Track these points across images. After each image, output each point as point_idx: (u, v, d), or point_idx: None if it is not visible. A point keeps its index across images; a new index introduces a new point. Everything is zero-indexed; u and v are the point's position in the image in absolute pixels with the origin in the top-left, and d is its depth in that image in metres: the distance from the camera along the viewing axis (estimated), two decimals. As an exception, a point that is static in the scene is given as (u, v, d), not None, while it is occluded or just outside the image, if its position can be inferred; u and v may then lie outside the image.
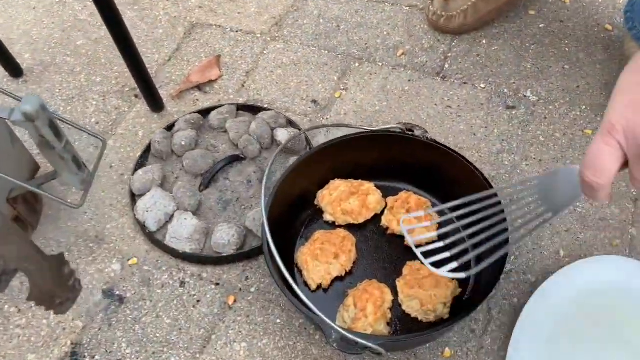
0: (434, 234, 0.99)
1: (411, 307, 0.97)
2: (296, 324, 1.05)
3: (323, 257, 1.01)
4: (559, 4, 1.54)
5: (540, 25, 1.49)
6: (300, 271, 1.04)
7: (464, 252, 0.76)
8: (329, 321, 0.80)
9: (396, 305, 0.99)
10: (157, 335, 1.05)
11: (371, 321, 0.92)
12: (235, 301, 1.08)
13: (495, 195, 0.83)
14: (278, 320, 1.05)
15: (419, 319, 0.97)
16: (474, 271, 0.77)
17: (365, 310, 0.93)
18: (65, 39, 1.58)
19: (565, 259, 1.09)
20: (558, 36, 1.47)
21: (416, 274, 0.98)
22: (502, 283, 1.07)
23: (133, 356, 1.02)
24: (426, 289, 0.95)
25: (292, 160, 1.13)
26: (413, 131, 1.07)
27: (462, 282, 1.01)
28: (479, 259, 0.79)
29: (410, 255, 1.05)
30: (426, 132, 1.07)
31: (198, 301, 1.09)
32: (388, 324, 0.96)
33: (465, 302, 0.98)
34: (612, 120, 0.56)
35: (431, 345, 1.00)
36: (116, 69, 1.48)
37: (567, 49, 1.44)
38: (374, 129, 1.09)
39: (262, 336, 1.04)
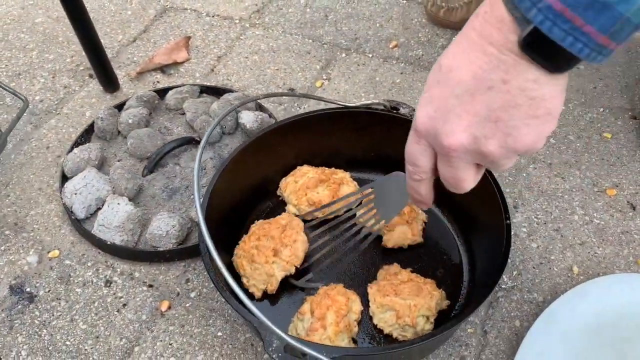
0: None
1: (384, 320, 0.76)
2: (241, 338, 0.83)
3: (260, 257, 0.79)
4: None
5: (552, 24, 1.33)
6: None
7: None
8: (268, 322, 0.59)
9: (366, 319, 0.78)
10: (67, 343, 0.84)
11: (330, 334, 0.71)
12: (169, 307, 0.87)
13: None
14: (219, 333, 0.84)
15: (394, 335, 0.76)
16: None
17: (324, 320, 0.72)
18: (23, 16, 1.42)
19: (579, 277, 0.89)
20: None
21: (392, 278, 0.78)
22: (501, 302, 0.86)
23: (32, 368, 0.81)
24: (404, 297, 0.75)
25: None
26: (398, 109, 0.88)
27: (450, 295, 0.81)
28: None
29: (388, 258, 0.85)
30: (414, 110, 0.88)
31: (124, 305, 0.88)
32: (354, 340, 0.75)
33: (454, 319, 0.77)
34: (417, 117, 0.55)
35: (409, 373, 0.79)
36: (73, 47, 1.32)
37: (582, 49, 1.26)
38: (351, 104, 0.90)
39: (197, 351, 0.82)
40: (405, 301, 0.74)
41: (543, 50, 0.45)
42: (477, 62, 0.49)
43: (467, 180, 0.57)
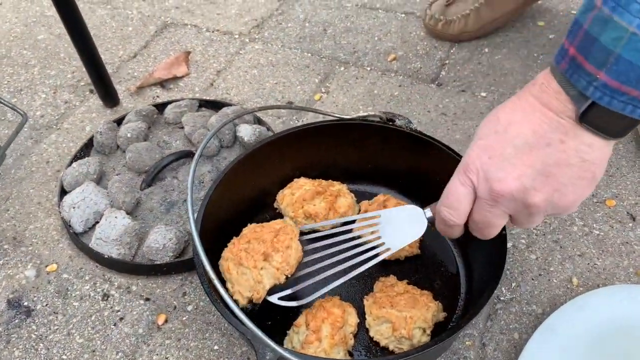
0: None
1: (380, 332, 0.75)
2: (237, 352, 0.83)
3: (249, 261, 0.73)
4: (571, 16, 1.39)
5: (550, 37, 1.33)
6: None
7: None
8: (261, 334, 0.59)
9: (362, 331, 0.78)
10: (64, 357, 0.83)
11: (326, 346, 0.71)
12: (166, 321, 0.87)
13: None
14: (216, 347, 0.84)
15: (390, 348, 0.75)
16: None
17: (320, 332, 0.72)
18: (26, 33, 1.44)
19: (579, 288, 0.88)
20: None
21: (389, 290, 0.77)
22: (500, 314, 0.86)
23: (28, 382, 0.81)
24: (400, 309, 0.74)
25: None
26: (394, 121, 0.88)
27: (447, 307, 0.80)
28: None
29: (385, 270, 0.85)
30: (410, 122, 0.88)
31: (121, 318, 0.88)
32: (350, 353, 0.75)
33: (451, 331, 0.76)
34: (468, 161, 0.59)
35: (406, 387, 0.78)
36: (74, 63, 1.33)
37: (580, 61, 1.26)
38: (347, 117, 0.90)
39: (193, 365, 0.82)
40: (401, 313, 0.74)
41: (602, 120, 0.51)
42: (538, 121, 0.55)
43: (497, 228, 0.62)
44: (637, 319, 0.80)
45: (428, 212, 0.72)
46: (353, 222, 0.84)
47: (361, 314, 0.78)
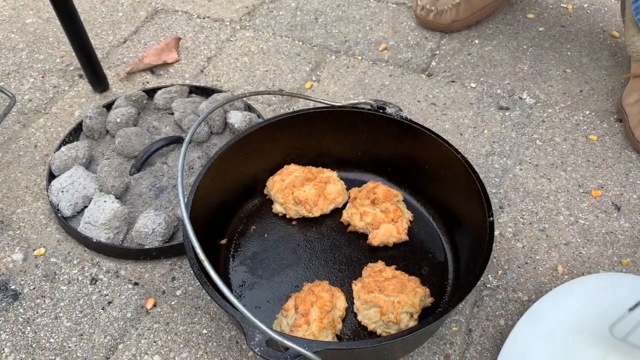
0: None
1: (368, 316, 0.76)
2: (226, 336, 0.83)
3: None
4: (561, 9, 1.40)
5: (540, 29, 1.34)
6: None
7: None
8: (250, 316, 0.59)
9: (350, 315, 0.78)
10: (52, 340, 0.83)
11: (314, 330, 0.71)
12: (154, 305, 0.87)
13: None
14: (204, 331, 0.84)
15: (378, 332, 0.76)
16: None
17: (308, 316, 0.72)
18: (14, 17, 1.42)
19: (564, 276, 0.89)
20: (559, 40, 1.31)
21: (377, 275, 0.78)
22: (486, 300, 0.87)
23: (15, 365, 0.81)
24: (388, 293, 0.75)
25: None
26: (385, 109, 0.89)
27: (435, 293, 0.81)
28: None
29: (374, 256, 0.86)
30: (400, 110, 0.88)
31: (109, 302, 0.87)
32: (338, 337, 0.75)
33: (437, 315, 0.77)
34: None
35: (393, 371, 0.79)
36: (63, 48, 1.32)
37: (569, 53, 1.28)
38: (338, 104, 0.90)
39: (182, 349, 0.82)
40: (389, 298, 0.74)
41: None
42: None
43: None
44: (621, 306, 0.81)
45: None
46: None
47: (350, 299, 0.79)
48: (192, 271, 0.81)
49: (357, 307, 0.77)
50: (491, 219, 0.75)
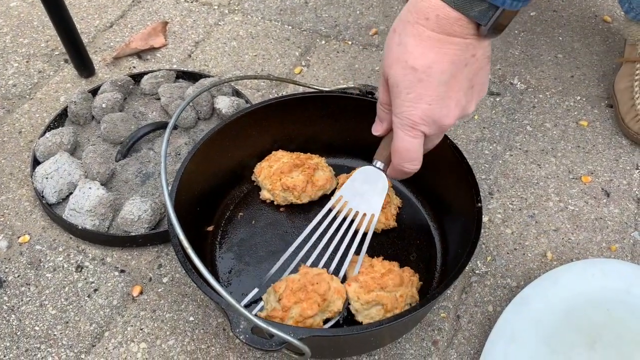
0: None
1: (370, 316, 0.73)
2: (213, 323, 0.83)
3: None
4: (553, -6, 1.39)
5: (532, 13, 1.33)
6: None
7: None
8: (235, 303, 0.59)
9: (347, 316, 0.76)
10: (37, 328, 0.82)
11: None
12: (141, 292, 0.86)
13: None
14: (191, 318, 0.83)
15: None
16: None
17: (287, 312, 0.69)
18: (-2, 0, 1.40)
19: (553, 263, 0.89)
20: (551, 25, 1.30)
21: (371, 271, 0.75)
22: (475, 287, 0.87)
23: (0, 353, 0.80)
24: (390, 289, 0.73)
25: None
26: (373, 94, 0.88)
27: (423, 279, 0.80)
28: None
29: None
30: (389, 95, 0.87)
31: (95, 290, 0.87)
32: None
33: (424, 301, 0.76)
34: (409, 117, 0.64)
35: (380, 359, 0.79)
36: (48, 32, 1.30)
37: (560, 38, 1.27)
38: (327, 89, 0.89)
39: (168, 336, 0.81)
40: (391, 293, 0.73)
41: (504, 21, 0.59)
42: (450, 51, 0.60)
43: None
44: (609, 292, 0.81)
45: (379, 164, 0.76)
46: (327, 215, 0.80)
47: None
48: (177, 258, 0.80)
49: (356, 308, 0.74)
50: (479, 205, 0.74)
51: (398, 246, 0.85)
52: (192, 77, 1.14)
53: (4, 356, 0.79)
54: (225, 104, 1.03)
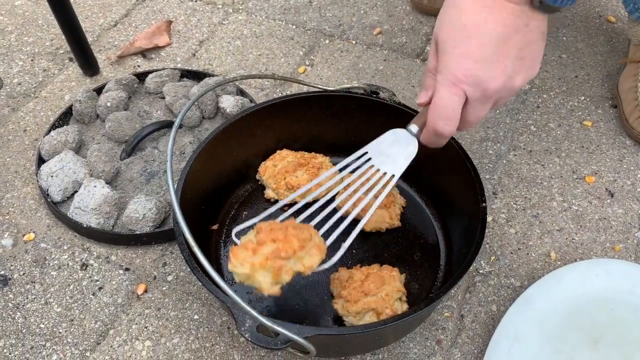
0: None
1: (365, 322, 0.73)
2: (217, 321, 0.83)
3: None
4: (557, -6, 1.38)
5: (536, 14, 1.33)
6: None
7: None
8: (241, 302, 0.59)
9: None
10: (42, 326, 0.83)
11: (255, 262, 0.63)
12: (146, 290, 0.87)
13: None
14: (196, 317, 0.84)
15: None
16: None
17: (261, 247, 0.64)
18: (2, -1, 1.40)
19: (556, 262, 0.89)
20: (555, 25, 1.30)
21: (351, 282, 0.75)
22: (479, 286, 0.87)
23: (5, 350, 0.80)
24: (374, 292, 0.73)
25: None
26: (378, 93, 0.88)
27: (428, 278, 0.81)
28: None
29: (366, 241, 0.85)
30: (394, 94, 0.88)
31: (100, 288, 0.87)
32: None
33: (429, 301, 0.76)
34: (454, 72, 0.62)
35: (384, 358, 0.79)
36: (53, 30, 1.30)
37: (564, 38, 1.27)
38: (331, 88, 0.89)
39: (173, 334, 0.82)
40: (377, 296, 0.73)
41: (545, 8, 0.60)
42: (503, 15, 0.60)
43: (483, 118, 0.68)
44: (612, 292, 0.81)
45: (413, 127, 0.73)
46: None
47: (337, 318, 0.77)
48: (182, 257, 0.81)
49: (351, 322, 0.74)
50: (484, 204, 0.74)
51: (402, 246, 0.85)
52: (197, 76, 1.14)
53: (10, 353, 0.80)
54: (229, 103, 1.03)
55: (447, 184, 0.86)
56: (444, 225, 0.87)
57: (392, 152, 0.74)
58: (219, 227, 0.88)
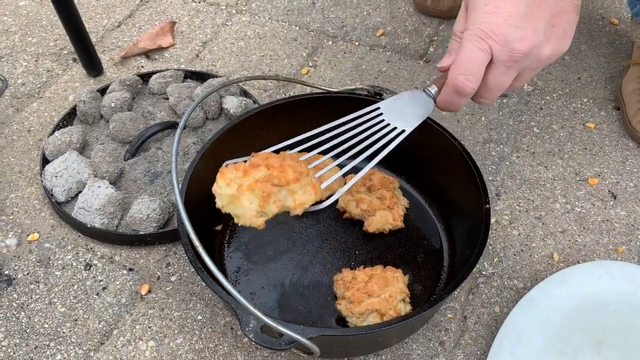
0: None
1: (369, 323, 0.74)
2: (221, 322, 0.83)
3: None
4: (560, -4, 1.38)
5: (539, 15, 1.33)
6: None
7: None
8: (245, 302, 0.59)
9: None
10: (46, 326, 0.83)
11: (245, 183, 0.60)
12: (149, 291, 0.87)
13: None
14: (199, 317, 0.84)
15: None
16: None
17: (254, 170, 0.61)
18: (6, -1, 1.40)
19: (559, 264, 0.89)
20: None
21: (355, 284, 0.76)
22: (482, 288, 0.87)
23: (9, 349, 0.80)
24: (377, 294, 0.74)
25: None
26: (381, 95, 0.88)
27: (431, 279, 0.81)
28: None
29: (369, 242, 0.85)
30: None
31: (104, 288, 0.87)
32: (265, 218, 0.64)
33: (432, 302, 0.77)
34: (482, 27, 0.59)
35: (387, 359, 0.79)
36: (57, 31, 1.31)
37: (567, 40, 1.27)
38: (335, 90, 0.89)
39: (177, 334, 0.82)
40: (380, 297, 0.73)
41: None
42: None
43: (504, 88, 0.64)
44: (615, 294, 0.82)
45: (432, 88, 0.70)
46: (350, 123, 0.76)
47: (340, 319, 0.78)
48: (186, 257, 0.81)
49: (353, 323, 0.75)
50: (487, 206, 0.74)
51: (405, 247, 0.85)
52: (200, 77, 1.14)
53: (14, 353, 0.80)
54: (233, 104, 1.03)
55: (450, 185, 0.86)
56: (447, 227, 0.87)
57: (406, 110, 0.72)
58: (223, 228, 0.88)
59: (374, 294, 0.74)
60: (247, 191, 0.60)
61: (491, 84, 0.63)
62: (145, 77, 1.13)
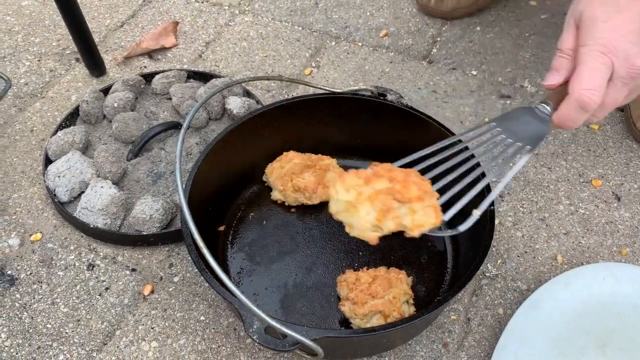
0: None
1: (372, 324, 0.74)
2: (224, 322, 0.83)
3: None
4: (564, -3, 1.38)
5: (542, 16, 1.33)
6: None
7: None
8: (249, 303, 0.59)
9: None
10: (48, 326, 0.83)
11: (365, 194, 0.58)
12: (152, 291, 0.87)
13: (460, 141, 0.74)
14: (202, 318, 0.84)
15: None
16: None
17: (375, 180, 0.59)
18: (9, -1, 1.40)
19: (563, 266, 0.89)
20: (561, 28, 1.29)
21: (358, 285, 0.76)
22: (485, 289, 0.87)
23: (12, 349, 0.80)
24: (381, 295, 0.73)
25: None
26: (385, 95, 0.88)
27: (434, 281, 0.80)
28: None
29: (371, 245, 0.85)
30: (401, 97, 0.88)
31: (107, 288, 0.87)
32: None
33: (436, 304, 0.76)
34: (605, 43, 0.60)
35: None
36: (60, 31, 1.31)
37: (571, 41, 1.26)
38: (338, 90, 0.89)
39: (179, 335, 0.82)
40: (384, 299, 0.73)
41: None
42: None
43: (617, 105, 0.65)
44: (619, 296, 0.81)
45: (547, 106, 0.68)
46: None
47: (343, 320, 0.77)
48: (189, 258, 0.81)
49: (358, 325, 0.75)
50: (491, 207, 0.74)
51: (409, 248, 0.85)
52: (203, 77, 1.14)
53: (17, 353, 0.80)
54: (236, 105, 1.03)
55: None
56: (451, 228, 0.86)
57: (521, 128, 0.68)
58: (226, 229, 0.88)
59: (378, 295, 0.74)
60: (366, 201, 0.57)
61: (607, 99, 0.62)
62: (148, 77, 1.13)
